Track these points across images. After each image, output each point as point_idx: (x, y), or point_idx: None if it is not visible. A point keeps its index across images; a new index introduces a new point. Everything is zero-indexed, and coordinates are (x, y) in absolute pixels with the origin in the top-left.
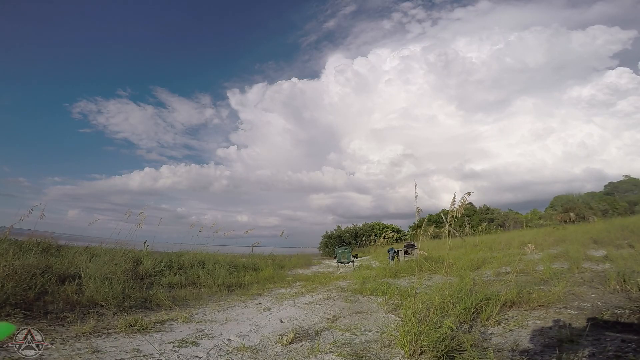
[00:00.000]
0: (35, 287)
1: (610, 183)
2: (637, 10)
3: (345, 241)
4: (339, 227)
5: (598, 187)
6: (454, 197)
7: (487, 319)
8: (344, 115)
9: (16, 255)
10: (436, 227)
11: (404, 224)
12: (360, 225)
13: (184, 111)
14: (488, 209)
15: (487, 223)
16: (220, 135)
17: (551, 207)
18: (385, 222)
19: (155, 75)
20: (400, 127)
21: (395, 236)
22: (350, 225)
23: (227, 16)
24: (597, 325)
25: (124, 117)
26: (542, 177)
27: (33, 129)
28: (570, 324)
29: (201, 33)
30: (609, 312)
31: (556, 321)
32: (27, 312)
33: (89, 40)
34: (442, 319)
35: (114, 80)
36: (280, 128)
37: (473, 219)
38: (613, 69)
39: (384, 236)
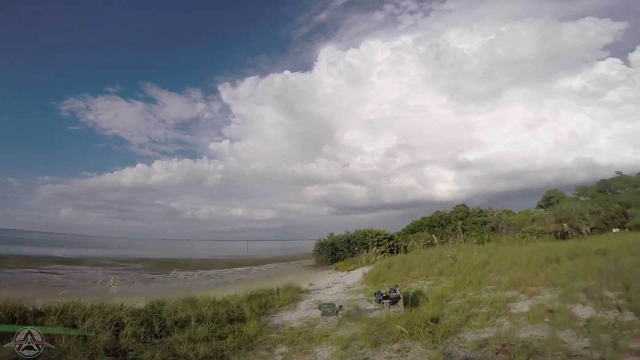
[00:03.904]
0: None
1: (602, 180)
2: (628, 1)
3: (339, 249)
4: (331, 234)
5: (590, 175)
6: None
7: None
8: (337, 107)
9: None
10: (429, 231)
11: (398, 215)
12: (353, 232)
13: (175, 106)
14: (481, 211)
15: (480, 226)
16: (213, 129)
17: (545, 200)
18: (381, 212)
19: (145, 71)
20: (394, 117)
21: (387, 244)
22: (343, 233)
23: (218, 10)
24: None
25: (113, 114)
26: (534, 165)
27: (21, 129)
28: None
29: (191, 27)
30: None
31: None
32: None
33: (76, 38)
34: None
35: (102, 77)
36: (274, 121)
37: (466, 222)
38: (603, 60)
39: (377, 243)
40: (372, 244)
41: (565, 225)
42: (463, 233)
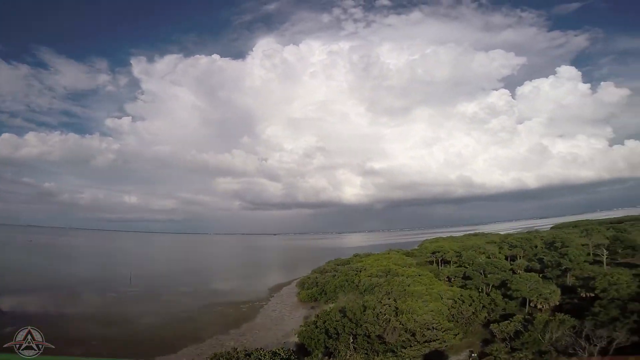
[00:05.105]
0: None
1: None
2: (535, 41)
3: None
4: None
5: (467, 192)
6: None
7: None
8: (264, 100)
9: None
10: None
11: (309, 214)
12: None
13: (71, 74)
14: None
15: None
16: (113, 104)
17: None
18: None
19: (39, 32)
20: (317, 119)
21: None
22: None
23: None
24: None
25: None
26: (426, 179)
27: None
28: None
29: None
30: None
31: None
32: None
33: None
34: None
35: None
36: (189, 104)
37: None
38: (497, 90)
39: None
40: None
41: None
42: None
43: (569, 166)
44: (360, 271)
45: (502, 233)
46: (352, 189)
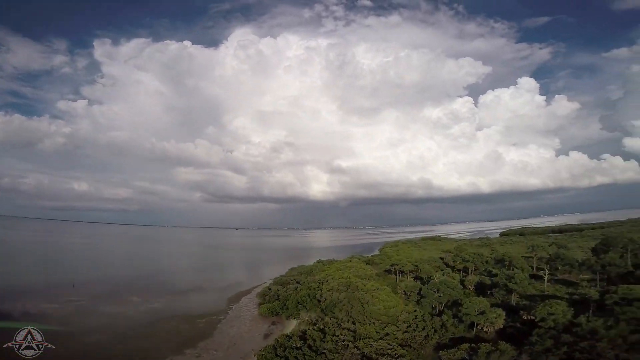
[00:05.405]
0: None
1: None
2: (503, 52)
3: None
4: None
5: (426, 193)
6: None
7: None
8: (234, 91)
9: None
10: None
11: (274, 209)
12: None
13: (23, 53)
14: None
15: None
16: (68, 86)
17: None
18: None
19: None
20: (288, 114)
21: None
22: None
23: None
24: None
25: None
26: (389, 179)
27: None
28: None
29: None
30: None
31: None
32: None
33: None
34: None
35: None
36: (152, 90)
37: None
38: (462, 97)
39: None
40: None
41: None
42: None
43: (519, 173)
44: (322, 283)
45: (456, 237)
46: (319, 186)
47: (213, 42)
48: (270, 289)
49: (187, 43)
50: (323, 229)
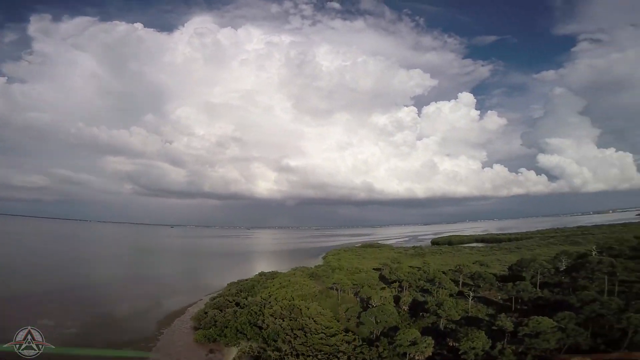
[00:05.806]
0: None
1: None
2: (450, 66)
3: None
4: None
5: (367, 196)
6: None
7: None
8: (181, 79)
9: None
10: None
11: (216, 205)
12: None
13: None
14: None
15: None
16: None
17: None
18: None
19: None
20: (238, 107)
21: None
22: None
23: None
24: None
25: None
26: (335, 181)
27: None
28: None
29: None
30: None
31: None
32: None
33: None
34: None
35: None
36: (88, 71)
37: None
38: (407, 107)
39: None
40: None
41: None
42: None
43: (450, 182)
44: (264, 306)
45: (393, 243)
46: (266, 184)
47: (168, 27)
48: (206, 313)
49: (138, 25)
50: (268, 228)
